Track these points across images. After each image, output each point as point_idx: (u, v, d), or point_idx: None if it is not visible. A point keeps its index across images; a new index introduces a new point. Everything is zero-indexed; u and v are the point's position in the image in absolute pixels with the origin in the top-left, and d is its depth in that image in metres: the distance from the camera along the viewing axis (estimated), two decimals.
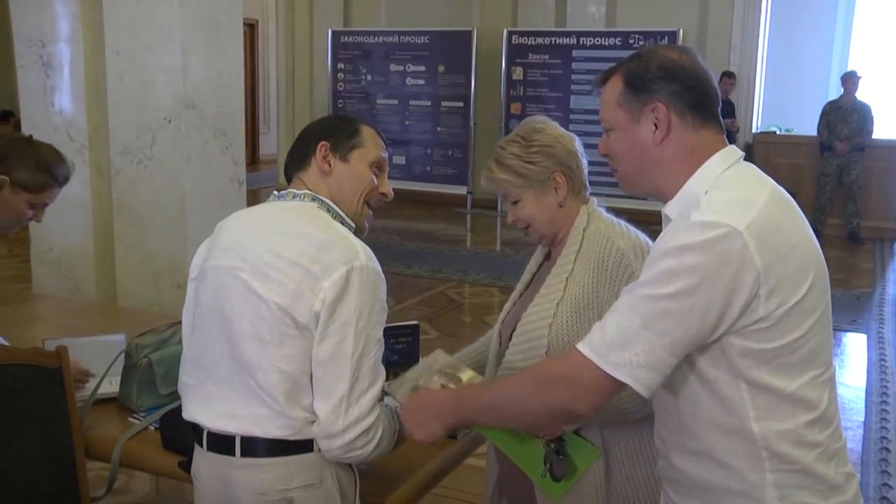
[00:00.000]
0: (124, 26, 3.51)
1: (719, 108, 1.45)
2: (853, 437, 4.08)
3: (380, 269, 1.66)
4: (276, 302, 1.59)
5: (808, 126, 8.95)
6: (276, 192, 1.79)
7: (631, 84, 1.44)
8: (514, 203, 1.91)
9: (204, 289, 1.73)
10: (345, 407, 1.59)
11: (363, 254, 1.63)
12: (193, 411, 1.73)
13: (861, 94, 8.60)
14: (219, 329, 1.67)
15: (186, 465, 1.85)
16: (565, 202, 1.87)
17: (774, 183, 1.42)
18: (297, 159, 1.79)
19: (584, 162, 1.91)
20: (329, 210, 1.73)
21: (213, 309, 1.69)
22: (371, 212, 1.82)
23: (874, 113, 8.52)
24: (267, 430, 1.63)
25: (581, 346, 1.34)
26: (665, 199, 1.46)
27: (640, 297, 1.30)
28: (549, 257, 2.02)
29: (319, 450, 1.64)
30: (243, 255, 1.66)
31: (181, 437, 1.89)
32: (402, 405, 1.70)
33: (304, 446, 1.64)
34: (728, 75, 8.82)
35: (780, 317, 1.29)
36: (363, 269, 1.61)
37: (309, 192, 1.74)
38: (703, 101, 1.42)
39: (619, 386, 1.31)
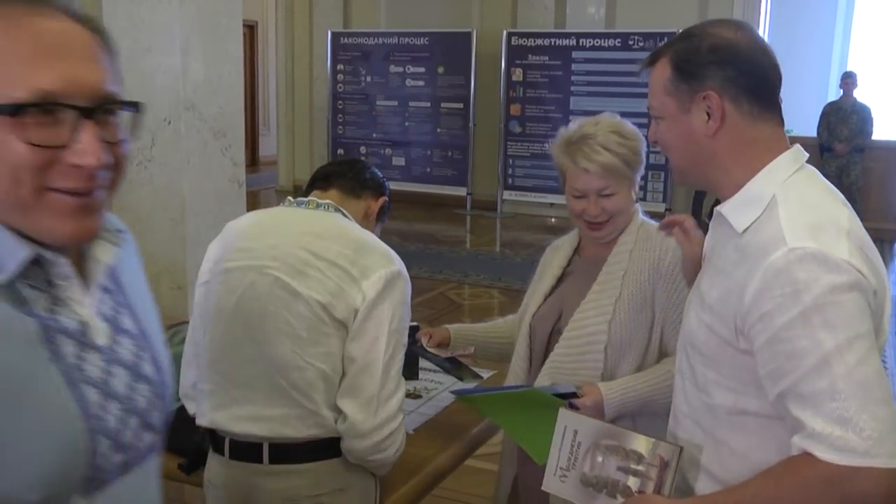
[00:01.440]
0: (124, 28, 3.52)
1: (779, 95, 1.33)
2: None
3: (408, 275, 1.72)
4: (316, 299, 1.60)
5: (807, 127, 8.95)
6: (291, 199, 1.80)
7: (680, 69, 1.31)
8: (609, 195, 1.85)
9: (223, 290, 1.70)
10: (375, 406, 1.60)
11: (397, 260, 1.68)
12: (213, 416, 1.70)
13: (861, 95, 8.60)
14: (243, 330, 1.65)
15: (187, 467, 1.85)
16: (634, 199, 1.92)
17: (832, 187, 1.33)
18: (348, 186, 1.82)
19: None
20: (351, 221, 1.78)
21: (237, 310, 1.67)
22: None
23: (874, 114, 8.53)
24: (298, 430, 1.62)
25: (835, 455, 1.11)
26: (721, 194, 1.34)
27: (843, 370, 1.13)
28: (578, 252, 2.00)
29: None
30: (274, 254, 1.66)
31: (181, 438, 1.89)
32: None
33: (335, 450, 1.64)
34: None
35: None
36: (398, 275, 1.66)
37: (332, 203, 1.77)
38: (762, 87, 1.29)
39: None
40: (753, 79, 1.28)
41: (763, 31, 9.32)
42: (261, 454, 1.63)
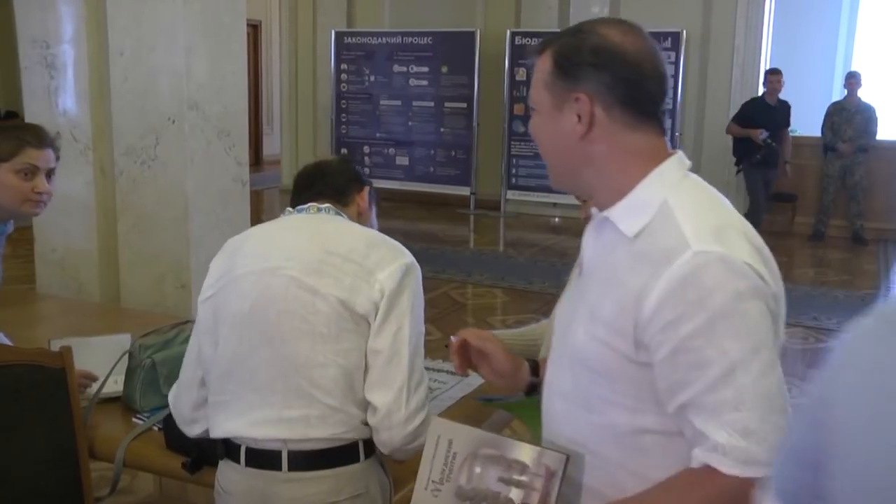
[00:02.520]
0: (128, 27, 3.52)
1: (662, 106, 1.27)
2: None
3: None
4: (335, 295, 1.61)
5: (811, 127, 8.93)
6: (290, 209, 1.82)
7: (559, 65, 1.24)
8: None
9: (235, 297, 1.70)
10: (406, 396, 1.62)
11: (407, 252, 1.74)
12: (230, 426, 1.68)
13: (865, 95, 8.58)
14: (259, 334, 1.65)
15: (190, 466, 1.85)
16: None
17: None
18: (332, 194, 1.84)
19: None
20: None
21: (251, 314, 1.66)
22: None
23: (878, 114, 8.51)
24: (320, 430, 1.62)
25: (740, 469, 1.11)
26: (596, 199, 1.29)
27: (749, 379, 1.11)
28: None
29: (366, 457, 1.65)
30: (287, 255, 1.68)
31: (185, 437, 1.90)
32: None
33: (353, 455, 1.65)
34: (773, 72, 8.14)
35: None
36: (413, 266, 1.71)
37: (331, 206, 1.80)
38: (638, 97, 1.22)
39: None
40: (631, 88, 1.22)
41: (767, 32, 9.32)
42: (279, 461, 1.63)
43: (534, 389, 1.58)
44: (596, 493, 1.26)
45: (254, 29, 13.16)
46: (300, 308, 1.63)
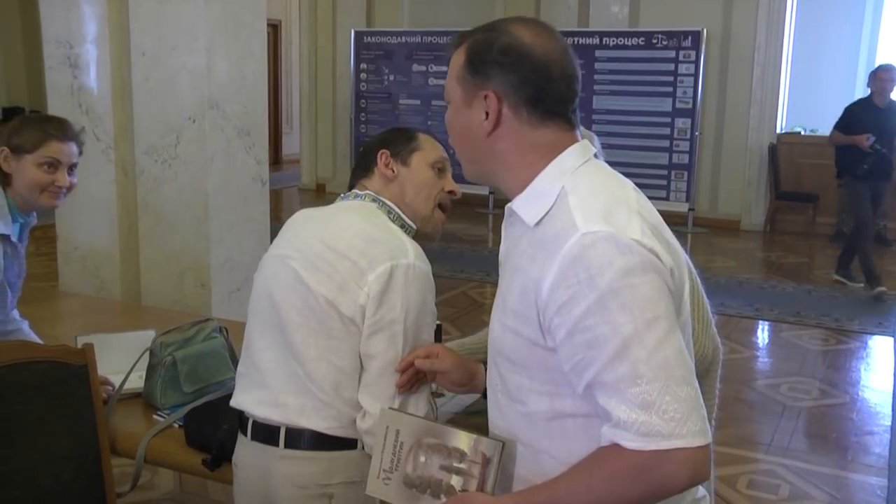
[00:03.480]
0: (150, 27, 3.55)
1: (571, 106, 1.28)
2: (880, 442, 4.03)
3: (430, 271, 1.67)
4: (322, 294, 1.61)
5: (833, 126, 8.86)
6: (341, 195, 1.82)
7: (471, 61, 1.28)
8: None
9: (260, 277, 1.76)
10: (398, 406, 1.60)
11: (412, 252, 1.65)
12: (240, 398, 1.74)
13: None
14: (269, 316, 1.69)
15: (210, 463, 1.87)
16: None
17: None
18: (361, 170, 1.82)
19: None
20: (390, 212, 1.75)
21: (265, 296, 1.71)
22: (443, 214, 1.84)
23: None
24: (314, 421, 1.63)
25: (641, 442, 1.11)
26: (508, 193, 1.32)
27: (640, 354, 1.12)
28: None
29: (363, 447, 1.64)
30: (297, 245, 1.70)
31: (205, 434, 1.91)
32: None
33: (349, 443, 1.65)
34: (884, 69, 6.92)
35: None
36: (410, 267, 1.62)
37: (371, 192, 1.77)
38: (543, 98, 1.24)
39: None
40: (537, 89, 1.24)
41: (789, 30, 9.24)
42: (277, 438, 1.65)
43: None
44: (526, 481, 1.28)
45: (274, 29, 13.22)
46: (298, 300, 1.64)
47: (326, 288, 1.61)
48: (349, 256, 1.62)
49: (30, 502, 1.95)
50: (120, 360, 2.22)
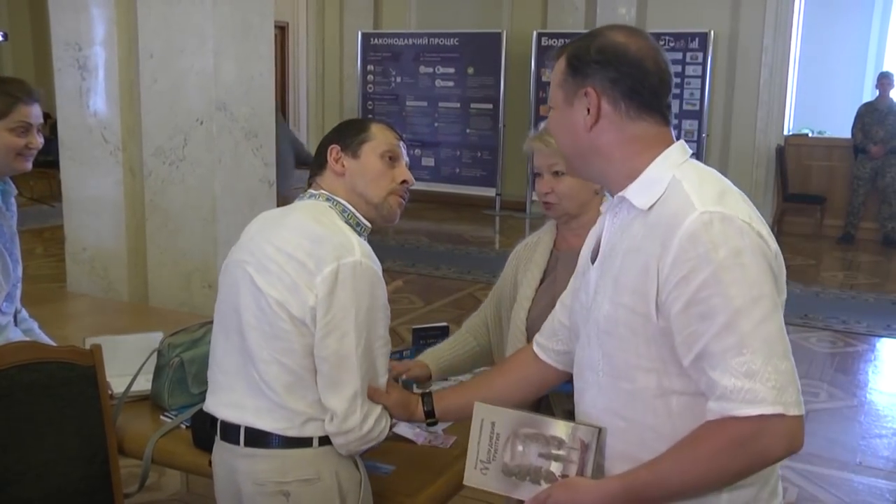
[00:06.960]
0: (158, 30, 3.56)
1: (665, 100, 1.38)
2: (888, 445, 4.01)
3: (378, 269, 1.67)
4: (273, 297, 1.63)
5: (840, 128, 8.83)
6: (299, 195, 1.84)
7: (571, 64, 1.39)
8: (560, 174, 1.92)
9: (222, 282, 1.79)
10: (360, 402, 1.63)
11: (359, 250, 1.64)
12: (209, 401, 1.78)
13: None
14: (231, 321, 1.72)
15: None
16: (601, 189, 1.91)
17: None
18: (316, 167, 1.84)
19: None
20: (343, 211, 1.75)
21: (227, 301, 1.74)
22: (401, 199, 1.82)
23: None
24: (268, 422, 1.66)
25: (747, 408, 1.19)
26: (609, 186, 1.43)
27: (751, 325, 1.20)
28: (556, 247, 2.04)
29: (320, 445, 1.66)
30: (251, 248, 1.72)
31: (211, 435, 1.92)
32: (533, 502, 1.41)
33: (304, 441, 1.66)
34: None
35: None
36: (357, 265, 1.62)
37: (325, 192, 1.78)
38: (640, 90, 1.35)
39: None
40: (634, 82, 1.34)
41: (796, 31, 9.22)
42: (238, 437, 1.69)
43: (432, 419, 1.73)
44: (630, 457, 1.34)
45: (281, 30, 13.22)
46: (252, 304, 1.66)
47: (276, 290, 1.63)
48: (296, 257, 1.63)
49: (38, 502, 1.96)
50: (127, 362, 2.23)
